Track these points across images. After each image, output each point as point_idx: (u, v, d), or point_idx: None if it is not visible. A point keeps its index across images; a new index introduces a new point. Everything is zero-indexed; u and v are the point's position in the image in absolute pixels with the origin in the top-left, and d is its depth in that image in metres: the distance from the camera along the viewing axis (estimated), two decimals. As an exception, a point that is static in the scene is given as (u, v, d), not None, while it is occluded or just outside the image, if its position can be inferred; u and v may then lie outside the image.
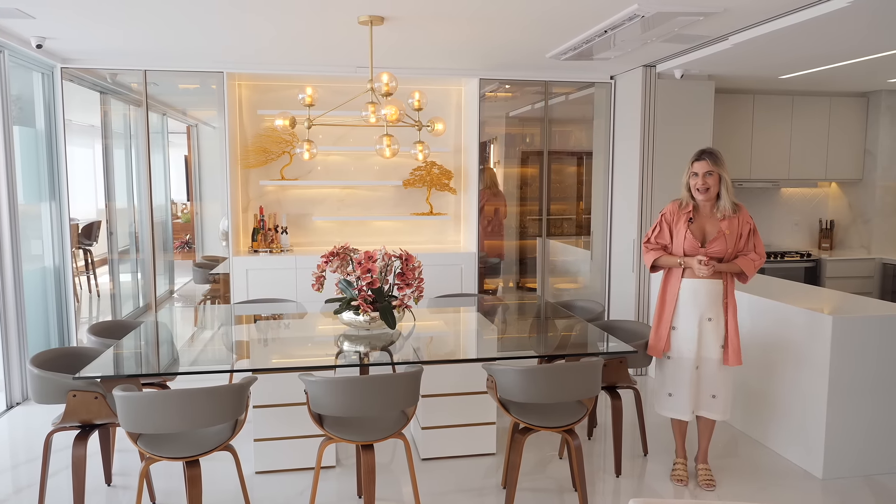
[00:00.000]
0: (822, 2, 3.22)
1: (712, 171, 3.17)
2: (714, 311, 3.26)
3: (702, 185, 3.18)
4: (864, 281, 5.96)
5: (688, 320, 3.28)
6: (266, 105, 5.36)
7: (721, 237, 3.19)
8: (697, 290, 3.26)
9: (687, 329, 3.29)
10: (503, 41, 4.13)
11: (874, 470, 3.51)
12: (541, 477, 3.50)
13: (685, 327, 3.29)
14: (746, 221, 3.23)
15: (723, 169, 3.18)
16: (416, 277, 3.51)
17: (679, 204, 3.32)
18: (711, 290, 3.25)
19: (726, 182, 3.19)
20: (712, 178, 3.17)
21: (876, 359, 3.44)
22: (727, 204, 3.19)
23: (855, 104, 6.12)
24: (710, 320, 3.26)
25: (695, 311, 3.27)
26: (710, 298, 3.26)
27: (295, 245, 5.57)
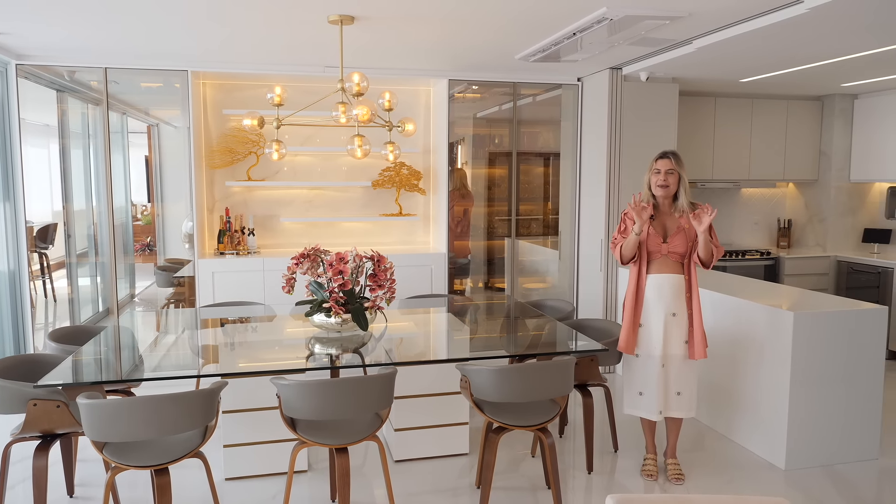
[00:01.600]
0: (781, 8, 3.32)
1: (673, 169, 3.30)
2: (678, 305, 3.36)
3: (663, 181, 3.31)
4: (820, 278, 6.15)
5: (654, 317, 3.37)
6: (232, 105, 5.28)
7: (681, 232, 3.32)
8: (662, 285, 3.36)
9: (653, 325, 3.38)
10: (474, 42, 4.14)
11: (834, 460, 3.63)
12: (514, 476, 3.52)
13: (652, 324, 3.38)
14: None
15: (682, 169, 3.33)
16: (388, 278, 3.50)
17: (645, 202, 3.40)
18: (675, 284, 3.36)
19: (684, 182, 3.33)
20: (673, 176, 3.31)
21: (834, 352, 3.56)
22: (685, 202, 3.32)
23: (810, 107, 6.31)
24: (675, 315, 3.36)
25: (660, 306, 3.36)
26: (674, 293, 3.36)
27: (262, 247, 5.49)
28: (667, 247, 3.33)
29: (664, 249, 3.34)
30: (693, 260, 3.34)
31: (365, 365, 3.34)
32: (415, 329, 3.98)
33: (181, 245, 5.51)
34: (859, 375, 3.62)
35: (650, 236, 3.34)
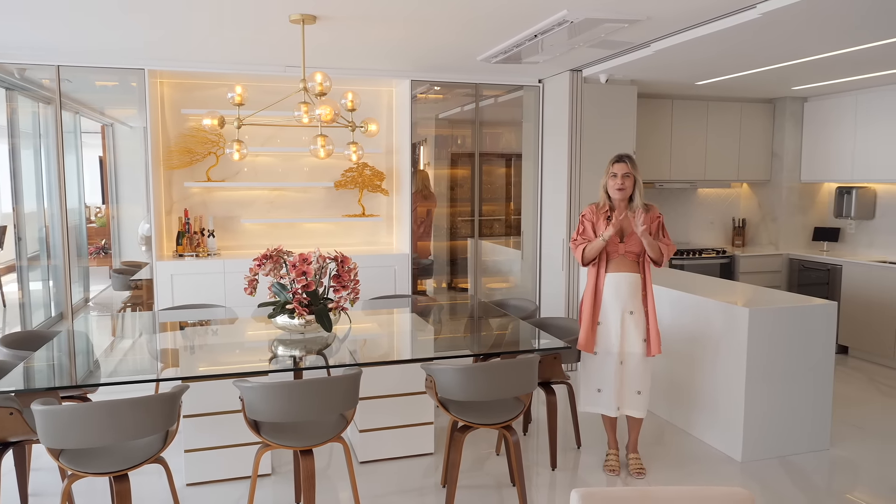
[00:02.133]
0: (735, 13, 3.42)
1: (629, 173, 3.42)
2: (635, 304, 3.46)
3: (620, 185, 3.42)
4: (773, 275, 6.34)
5: (612, 314, 3.47)
6: (190, 104, 5.18)
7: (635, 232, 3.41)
8: (619, 283, 3.46)
9: (611, 323, 3.47)
10: (436, 43, 4.16)
11: (788, 451, 3.75)
12: (479, 474, 3.54)
13: (610, 321, 3.48)
14: (656, 217, 3.48)
15: (637, 172, 3.45)
16: (352, 279, 3.49)
17: (597, 206, 3.54)
18: (632, 283, 3.46)
19: (639, 184, 3.45)
20: (629, 179, 3.42)
21: (787, 347, 3.68)
22: (639, 203, 3.44)
23: (763, 110, 6.51)
24: (632, 314, 3.46)
25: (617, 305, 3.46)
26: (631, 291, 3.46)
27: (223, 248, 5.41)
28: (624, 246, 3.44)
29: (621, 249, 3.45)
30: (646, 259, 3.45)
31: (329, 366, 3.32)
32: (379, 330, 3.98)
33: (138, 247, 5.39)
34: (811, 369, 3.74)
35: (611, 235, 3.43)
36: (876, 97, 5.66)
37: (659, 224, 3.49)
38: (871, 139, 5.72)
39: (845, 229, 6.31)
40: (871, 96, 5.70)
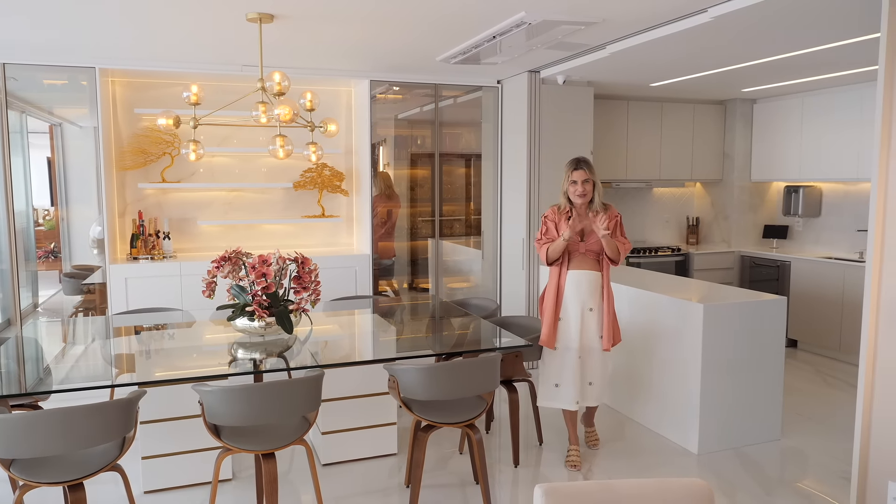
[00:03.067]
0: (688, 17, 3.51)
1: (588, 178, 3.54)
2: (594, 300, 3.58)
3: (581, 191, 3.53)
4: (725, 272, 6.52)
5: (572, 311, 3.58)
6: (144, 103, 5.06)
7: (595, 231, 3.52)
8: (580, 281, 3.57)
9: (571, 319, 3.57)
10: (395, 44, 4.15)
11: (741, 442, 3.87)
12: (442, 473, 3.55)
13: (570, 317, 3.58)
14: (614, 216, 3.58)
15: (595, 175, 3.57)
16: (313, 280, 3.46)
17: (558, 208, 3.64)
18: (592, 280, 3.57)
19: (598, 187, 3.58)
20: (588, 184, 3.54)
21: (740, 341, 3.79)
22: (599, 204, 3.57)
23: (714, 111, 6.70)
24: (592, 310, 3.57)
25: (577, 301, 3.57)
26: (591, 288, 3.57)
27: (179, 251, 5.30)
28: (584, 245, 3.56)
29: (582, 248, 3.56)
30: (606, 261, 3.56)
31: (290, 368, 3.29)
32: (341, 331, 3.95)
33: (90, 250, 5.24)
34: (763, 362, 3.87)
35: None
36: (820, 99, 5.88)
37: (616, 223, 3.60)
38: (817, 140, 5.94)
39: (793, 227, 6.53)
40: (816, 98, 5.91)
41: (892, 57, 2.52)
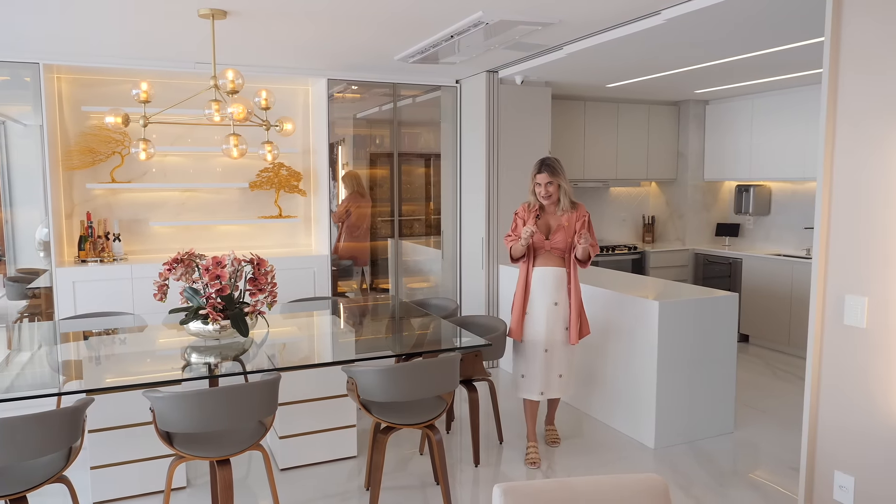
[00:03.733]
0: (642, 19, 3.57)
1: (552, 181, 3.62)
2: (559, 295, 3.66)
3: (545, 193, 3.63)
4: (680, 269, 6.66)
5: (538, 305, 3.67)
6: (92, 101, 4.90)
7: (561, 229, 3.65)
8: (545, 277, 3.66)
9: (538, 313, 3.66)
10: (352, 42, 4.11)
11: (696, 436, 3.95)
12: (403, 475, 3.53)
13: (536, 312, 3.67)
14: (582, 216, 3.67)
15: (559, 177, 3.63)
16: (270, 282, 3.40)
17: (528, 205, 3.73)
18: (557, 276, 3.66)
19: (563, 187, 3.65)
20: (553, 185, 3.62)
21: (694, 337, 3.87)
22: (566, 204, 3.66)
23: (668, 112, 6.83)
24: (557, 305, 3.66)
25: (544, 296, 3.66)
26: (556, 283, 3.66)
27: (130, 253, 5.15)
28: (549, 243, 3.65)
29: (547, 245, 3.66)
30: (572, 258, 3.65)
31: (246, 372, 3.22)
32: (298, 333, 3.90)
33: (35, 254, 5.04)
34: (716, 357, 3.96)
35: (536, 234, 3.65)
36: (769, 101, 6.05)
37: (584, 223, 3.67)
38: (766, 140, 6.11)
39: (744, 225, 6.71)
40: (765, 100, 6.08)
41: (835, 60, 2.60)
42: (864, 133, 2.51)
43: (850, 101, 2.56)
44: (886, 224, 2.44)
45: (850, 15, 2.53)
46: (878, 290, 2.47)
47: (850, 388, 2.59)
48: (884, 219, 2.45)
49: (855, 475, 2.58)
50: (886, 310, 2.44)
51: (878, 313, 2.47)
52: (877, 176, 2.47)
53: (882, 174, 2.45)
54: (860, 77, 2.51)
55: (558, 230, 3.64)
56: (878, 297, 2.47)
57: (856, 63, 2.53)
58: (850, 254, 2.56)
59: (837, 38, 2.59)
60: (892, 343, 2.43)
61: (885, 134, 2.43)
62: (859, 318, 2.52)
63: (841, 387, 2.62)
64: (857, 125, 2.53)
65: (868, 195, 2.50)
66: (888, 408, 2.46)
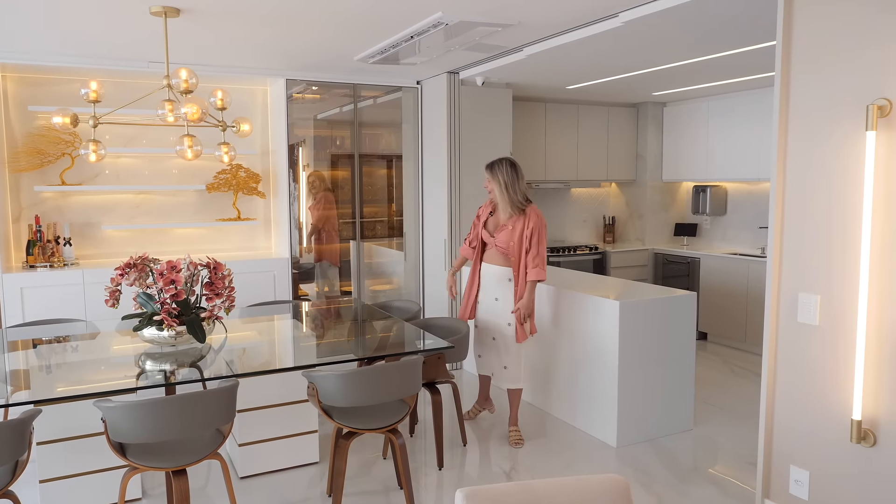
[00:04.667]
0: (600, 21, 3.60)
1: (489, 179, 3.84)
2: (500, 292, 3.89)
3: (488, 190, 3.90)
4: (640, 269, 6.76)
5: (485, 297, 3.99)
6: (40, 101, 4.73)
7: (505, 229, 3.80)
8: (489, 273, 3.96)
9: (485, 303, 4.00)
10: (310, 42, 4.06)
11: (657, 434, 4.00)
12: (366, 479, 3.49)
13: (483, 302, 4.00)
14: (530, 223, 3.73)
15: (498, 179, 3.76)
16: (227, 286, 3.33)
17: (489, 203, 3.97)
18: (498, 273, 3.90)
19: (502, 188, 3.77)
20: (489, 185, 3.85)
21: (653, 336, 3.92)
22: (504, 205, 3.79)
23: (627, 114, 6.92)
24: (497, 300, 3.90)
25: (488, 290, 3.96)
26: (498, 281, 3.91)
27: (82, 258, 4.99)
28: (493, 240, 3.86)
29: (492, 243, 3.88)
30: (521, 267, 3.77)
31: (203, 379, 3.14)
32: (258, 338, 3.82)
33: (-19, 259, 4.84)
34: (675, 356, 4.02)
35: (485, 229, 3.93)
36: (725, 103, 6.18)
37: (532, 231, 3.70)
38: (721, 142, 6.24)
39: (702, 225, 6.84)
40: (721, 102, 6.21)
41: (787, 61, 2.66)
42: (814, 132, 2.57)
43: (800, 101, 2.62)
44: (837, 222, 2.50)
45: (801, 17, 2.59)
46: (830, 287, 2.53)
47: (803, 384, 2.65)
48: (834, 216, 2.51)
49: (810, 469, 2.64)
50: (838, 307, 2.51)
51: (830, 311, 2.53)
52: (826, 174, 2.53)
53: (831, 172, 2.51)
54: (810, 77, 2.57)
55: (502, 229, 3.79)
56: (830, 295, 2.53)
57: (806, 63, 2.59)
58: (803, 252, 2.62)
59: (789, 39, 2.65)
60: (843, 340, 2.50)
61: (832, 132, 2.50)
62: (812, 316, 2.58)
63: (795, 384, 2.68)
64: (807, 124, 2.60)
65: (819, 193, 2.56)
66: (840, 404, 2.52)
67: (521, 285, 3.75)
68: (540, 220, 3.73)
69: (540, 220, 3.73)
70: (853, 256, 2.44)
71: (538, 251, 3.70)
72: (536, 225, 3.70)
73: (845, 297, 2.48)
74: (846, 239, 2.47)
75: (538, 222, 3.72)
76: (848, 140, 2.45)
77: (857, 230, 2.43)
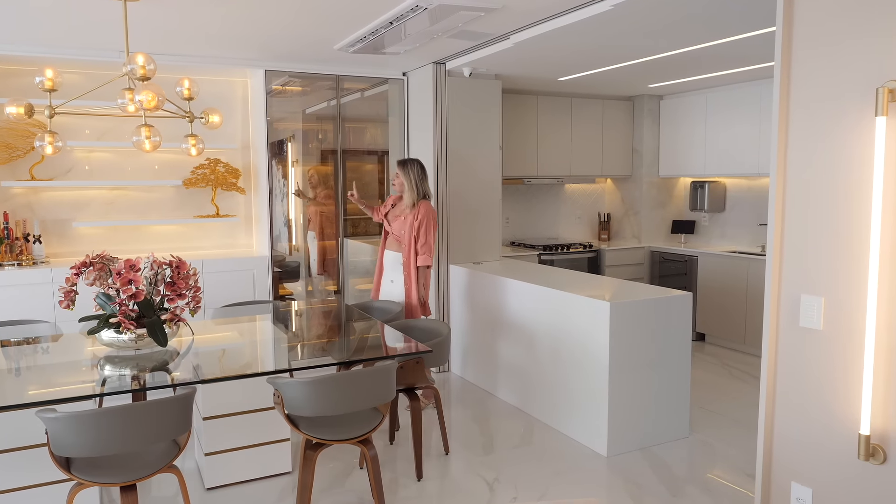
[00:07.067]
0: (588, 5, 3.39)
1: (397, 174, 4.30)
2: (395, 275, 4.41)
3: (393, 184, 4.37)
4: (636, 267, 6.55)
5: (385, 279, 4.49)
6: (5, 93, 4.53)
7: (400, 219, 4.32)
8: (387, 258, 4.47)
9: (385, 286, 4.50)
10: (284, 29, 3.85)
11: (651, 442, 3.79)
12: (340, 490, 3.29)
13: (384, 284, 4.50)
14: (420, 214, 4.22)
15: (407, 174, 4.25)
16: (191, 286, 3.12)
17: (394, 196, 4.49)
18: (394, 259, 4.40)
19: (411, 183, 4.25)
20: (398, 179, 4.30)
21: (647, 338, 3.71)
22: (408, 198, 4.28)
23: (623, 107, 6.70)
24: (392, 282, 4.43)
25: (386, 273, 4.49)
26: (392, 265, 4.42)
27: (52, 256, 4.79)
28: (391, 228, 4.39)
29: (390, 231, 4.40)
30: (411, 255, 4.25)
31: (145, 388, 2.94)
32: (229, 340, 3.61)
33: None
34: (670, 360, 3.81)
35: (387, 219, 4.44)
36: (723, 95, 5.96)
37: (420, 222, 4.19)
38: (720, 136, 6.03)
39: (700, 222, 6.63)
40: (719, 95, 6.00)
41: (787, 47, 2.45)
42: (818, 122, 2.36)
43: (802, 89, 2.41)
44: (843, 217, 2.29)
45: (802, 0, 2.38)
46: (835, 289, 2.32)
47: (806, 394, 2.44)
48: (840, 211, 2.30)
49: (813, 487, 2.43)
50: (844, 310, 2.29)
51: (835, 314, 2.32)
52: (831, 166, 2.32)
53: (836, 164, 2.30)
54: (813, 62, 2.36)
55: (398, 219, 4.34)
56: (836, 297, 2.32)
57: (808, 49, 2.38)
58: (805, 251, 2.41)
59: (790, 21, 2.44)
60: (849, 346, 2.29)
61: (838, 120, 2.29)
62: (816, 320, 2.37)
63: (797, 393, 2.47)
64: (810, 114, 2.39)
65: (823, 188, 2.35)
66: (845, 416, 2.31)
67: (409, 269, 4.24)
68: (429, 213, 4.23)
69: (429, 212, 4.24)
70: (861, 255, 2.23)
71: (426, 240, 4.22)
72: (425, 216, 4.22)
73: (852, 299, 2.27)
74: (853, 235, 2.26)
75: (427, 214, 4.22)
76: (855, 128, 2.24)
77: (865, 226, 2.21)
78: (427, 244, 4.21)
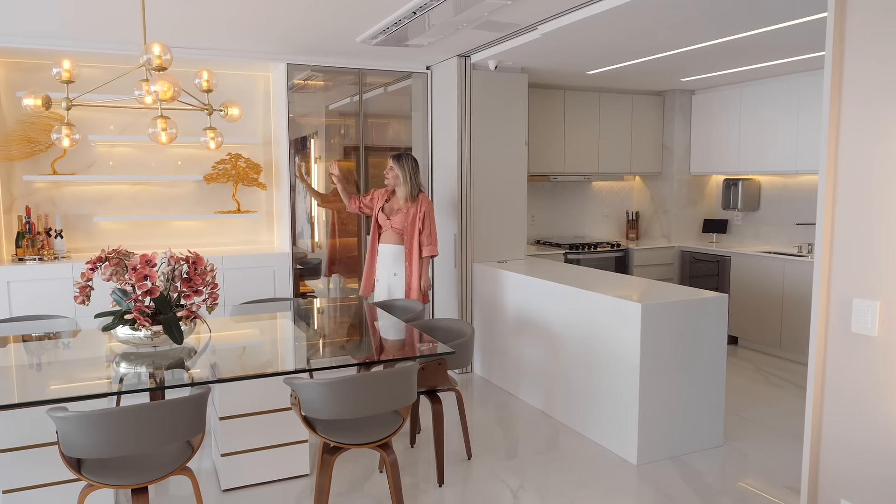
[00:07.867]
0: (622, -8, 3.24)
1: (392, 167, 4.29)
2: (398, 268, 4.35)
3: (386, 177, 4.35)
4: (666, 267, 6.35)
5: (383, 275, 4.41)
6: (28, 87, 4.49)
7: (401, 213, 4.31)
8: (387, 252, 4.37)
9: (382, 281, 4.42)
10: (302, 21, 3.75)
11: (683, 450, 3.63)
12: (359, 495, 3.19)
13: (381, 280, 4.42)
14: (422, 207, 4.27)
15: (402, 168, 4.25)
16: (208, 283, 3.04)
17: (385, 191, 4.41)
18: (395, 252, 4.35)
19: (406, 177, 4.25)
20: (392, 172, 4.30)
21: (680, 342, 3.55)
22: (402, 194, 4.28)
23: (653, 102, 6.51)
24: (396, 275, 4.36)
25: (386, 267, 4.38)
26: (394, 258, 4.35)
27: (73, 251, 4.77)
28: (390, 223, 4.32)
29: (388, 225, 4.33)
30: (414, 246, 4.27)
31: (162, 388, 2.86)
32: (247, 338, 3.52)
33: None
34: (704, 364, 3.64)
35: (381, 214, 4.37)
36: (758, 90, 5.75)
37: (423, 214, 4.25)
38: (755, 131, 5.81)
39: (733, 221, 6.41)
40: (754, 89, 5.78)
41: (840, 38, 2.28)
42: (873, 119, 2.19)
43: (856, 85, 2.24)
44: (899, 216, 2.12)
45: (857, -22, 2.21)
46: (892, 292, 2.15)
47: (858, 404, 2.27)
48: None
49: (862, 504, 2.27)
50: (898, 315, 2.13)
51: (891, 319, 2.15)
52: (888, 166, 2.15)
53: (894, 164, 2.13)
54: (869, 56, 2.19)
55: (397, 213, 4.30)
56: (893, 301, 2.15)
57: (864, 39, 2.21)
58: (858, 253, 2.25)
59: (843, 12, 2.27)
60: (904, 353, 2.12)
61: None
62: (869, 326, 2.20)
63: (848, 403, 2.30)
64: (865, 110, 2.22)
65: (878, 187, 2.18)
66: (900, 427, 2.14)
67: (411, 261, 4.26)
68: (430, 206, 4.30)
69: (430, 205, 4.31)
70: (919, 255, 2.06)
71: (430, 231, 4.28)
72: (427, 209, 4.28)
73: (908, 303, 2.10)
74: (910, 235, 2.09)
75: (429, 207, 4.29)
76: (914, 118, 2.07)
77: (924, 224, 2.05)
78: (432, 235, 4.30)
